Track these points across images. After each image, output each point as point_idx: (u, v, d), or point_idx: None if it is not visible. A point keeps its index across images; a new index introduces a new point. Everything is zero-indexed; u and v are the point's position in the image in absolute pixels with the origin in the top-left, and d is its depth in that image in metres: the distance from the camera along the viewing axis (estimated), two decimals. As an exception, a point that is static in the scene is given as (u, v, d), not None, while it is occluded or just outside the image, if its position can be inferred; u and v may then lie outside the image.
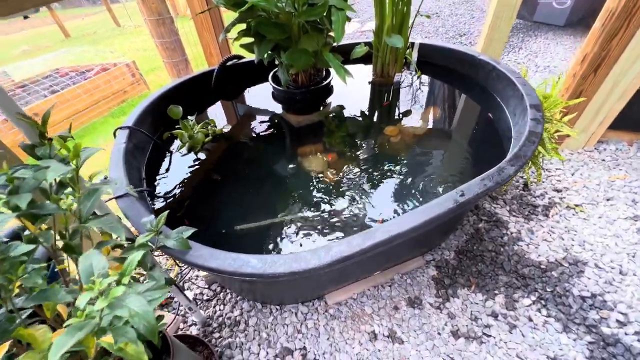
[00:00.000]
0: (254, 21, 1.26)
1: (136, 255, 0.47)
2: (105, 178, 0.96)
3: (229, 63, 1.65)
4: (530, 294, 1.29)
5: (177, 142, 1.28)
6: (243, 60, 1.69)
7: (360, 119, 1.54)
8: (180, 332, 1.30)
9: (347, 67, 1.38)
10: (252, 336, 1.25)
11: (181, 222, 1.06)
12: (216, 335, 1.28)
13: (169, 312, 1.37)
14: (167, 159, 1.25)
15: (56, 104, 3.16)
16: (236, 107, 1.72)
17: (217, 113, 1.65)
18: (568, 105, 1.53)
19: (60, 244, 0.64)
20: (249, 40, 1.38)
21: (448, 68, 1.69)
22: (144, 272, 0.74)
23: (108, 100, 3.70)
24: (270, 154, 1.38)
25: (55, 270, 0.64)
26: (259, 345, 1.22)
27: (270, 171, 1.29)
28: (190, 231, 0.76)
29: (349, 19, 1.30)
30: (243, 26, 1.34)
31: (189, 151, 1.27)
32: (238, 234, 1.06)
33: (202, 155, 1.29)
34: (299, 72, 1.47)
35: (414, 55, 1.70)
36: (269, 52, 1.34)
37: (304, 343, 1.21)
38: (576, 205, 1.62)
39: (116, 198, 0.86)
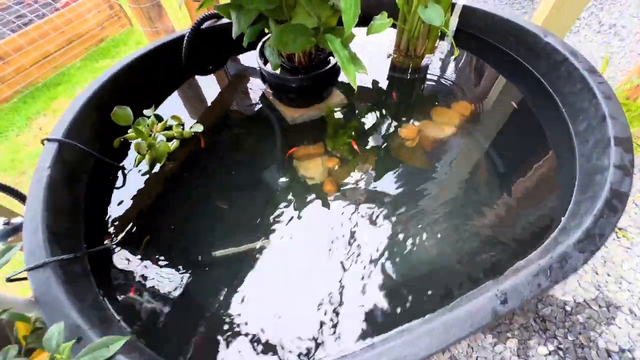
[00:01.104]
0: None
1: None
2: (7, 224, 0.71)
3: (205, 25, 1.24)
4: (547, 342, 1.14)
5: (132, 154, 0.97)
6: (224, 20, 1.28)
7: (371, 112, 1.20)
8: None
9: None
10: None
11: (145, 258, 0.85)
12: None
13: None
14: (120, 179, 0.96)
15: (21, 45, 2.71)
16: (228, 74, 1.36)
17: (189, 95, 1.31)
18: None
19: None
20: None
21: (491, 44, 1.27)
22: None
23: (83, 39, 3.18)
24: (256, 159, 1.10)
25: None
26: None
27: (258, 182, 1.04)
28: (119, 343, 0.55)
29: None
30: (215, -19, 0.93)
31: (151, 166, 0.97)
32: (215, 261, 0.87)
33: (166, 168, 1.01)
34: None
35: (453, 24, 1.26)
36: (252, 24, 0.95)
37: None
38: (619, 229, 1.37)
39: (28, 270, 0.63)
